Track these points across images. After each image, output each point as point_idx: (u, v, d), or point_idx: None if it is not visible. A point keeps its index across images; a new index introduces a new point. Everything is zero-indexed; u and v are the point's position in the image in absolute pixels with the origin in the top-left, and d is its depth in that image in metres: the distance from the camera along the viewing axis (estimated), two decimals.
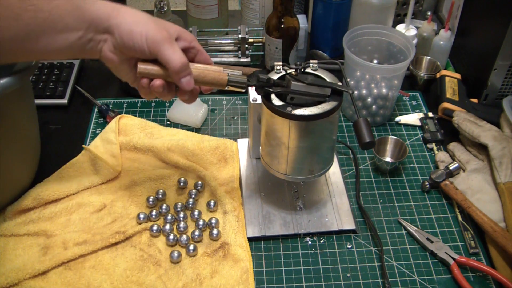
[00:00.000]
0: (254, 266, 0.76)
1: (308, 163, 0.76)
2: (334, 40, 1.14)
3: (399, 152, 0.91)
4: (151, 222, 0.81)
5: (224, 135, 0.97)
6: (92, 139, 0.94)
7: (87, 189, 0.85)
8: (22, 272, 0.71)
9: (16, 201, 0.81)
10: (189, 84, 0.65)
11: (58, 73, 1.06)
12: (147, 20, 0.63)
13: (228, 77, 0.68)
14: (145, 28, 0.62)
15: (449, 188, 0.85)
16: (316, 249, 0.79)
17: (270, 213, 0.82)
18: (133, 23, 0.62)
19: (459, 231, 0.82)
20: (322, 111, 0.68)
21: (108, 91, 1.06)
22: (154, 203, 0.84)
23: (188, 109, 0.98)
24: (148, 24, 0.63)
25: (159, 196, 0.84)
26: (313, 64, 0.74)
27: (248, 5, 1.15)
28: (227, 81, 0.68)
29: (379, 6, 1.08)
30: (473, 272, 0.76)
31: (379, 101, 0.97)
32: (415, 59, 1.08)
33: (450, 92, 1.00)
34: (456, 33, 1.09)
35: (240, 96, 1.06)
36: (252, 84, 0.69)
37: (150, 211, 0.82)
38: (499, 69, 0.95)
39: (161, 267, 0.75)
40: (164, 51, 0.63)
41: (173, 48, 0.63)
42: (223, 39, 1.13)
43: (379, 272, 0.76)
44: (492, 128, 0.90)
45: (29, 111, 0.81)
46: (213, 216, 0.82)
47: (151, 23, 0.63)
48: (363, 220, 0.83)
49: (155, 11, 1.08)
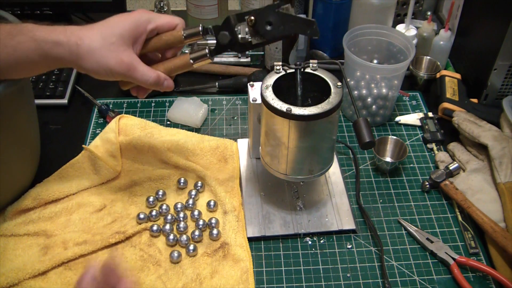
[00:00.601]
0: (254, 266, 0.76)
1: (308, 163, 0.76)
2: (334, 40, 1.14)
3: (399, 152, 0.91)
4: (151, 222, 0.81)
5: (224, 135, 0.97)
6: (92, 139, 0.94)
7: (87, 189, 0.85)
8: (22, 272, 0.71)
9: (16, 201, 0.81)
10: (169, 86, 0.70)
11: (58, 73, 1.06)
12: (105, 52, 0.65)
13: (190, 57, 0.71)
14: (107, 65, 0.65)
15: (449, 188, 0.85)
16: (316, 249, 0.79)
17: (270, 213, 0.82)
18: (94, 64, 0.65)
19: (459, 231, 0.82)
20: (322, 111, 0.68)
21: (108, 91, 1.06)
22: (154, 203, 0.84)
23: (188, 109, 0.98)
24: (108, 59, 0.65)
25: (159, 196, 0.84)
26: (313, 64, 0.74)
27: (248, 5, 1.15)
28: (190, 59, 0.71)
29: (379, 6, 1.08)
30: (473, 272, 0.76)
31: (379, 101, 0.97)
32: (415, 59, 1.08)
33: (450, 92, 1.00)
34: (456, 33, 1.09)
35: (240, 96, 1.06)
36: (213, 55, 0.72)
37: (150, 211, 0.82)
38: (499, 69, 0.95)
39: (161, 267, 0.75)
40: (134, 78, 0.67)
41: (139, 72, 0.67)
42: None
43: (379, 272, 0.76)
44: (492, 128, 0.90)
45: (29, 111, 0.81)
46: (213, 216, 0.82)
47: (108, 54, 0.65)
48: (363, 220, 0.83)
49: (155, 11, 1.08)
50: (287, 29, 0.67)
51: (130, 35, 0.66)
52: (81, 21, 1.23)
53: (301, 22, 0.67)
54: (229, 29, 0.70)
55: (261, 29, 0.67)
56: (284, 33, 0.67)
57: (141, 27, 0.68)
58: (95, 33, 0.65)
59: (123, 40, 0.66)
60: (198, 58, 0.72)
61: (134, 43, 0.67)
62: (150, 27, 0.69)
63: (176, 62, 0.72)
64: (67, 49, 0.64)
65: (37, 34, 0.63)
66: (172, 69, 0.72)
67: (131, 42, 0.67)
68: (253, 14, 0.67)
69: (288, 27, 0.67)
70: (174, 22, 0.71)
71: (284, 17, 0.67)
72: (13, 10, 1.08)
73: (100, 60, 0.64)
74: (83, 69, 0.66)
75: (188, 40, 0.71)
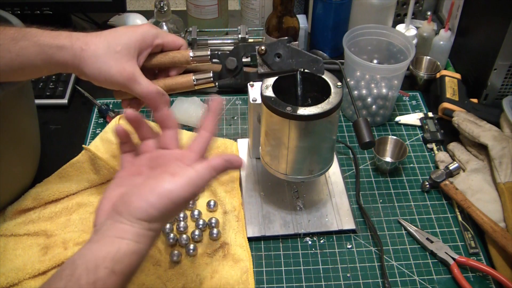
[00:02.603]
0: (254, 266, 0.76)
1: (308, 163, 0.76)
2: (334, 40, 1.14)
3: (399, 152, 0.91)
4: None
5: (224, 135, 0.97)
6: (92, 139, 0.94)
7: (87, 189, 0.85)
8: (22, 272, 0.71)
9: (16, 201, 0.81)
10: (167, 102, 0.68)
11: (58, 73, 1.06)
12: (108, 60, 0.64)
13: (193, 78, 0.71)
14: (108, 72, 0.65)
15: (449, 188, 0.85)
16: (316, 249, 0.79)
17: (270, 213, 0.82)
18: (96, 70, 0.65)
19: (459, 231, 0.82)
20: (322, 111, 0.68)
21: (108, 91, 1.04)
22: None
23: (188, 109, 0.98)
24: (110, 66, 0.64)
25: None
26: None
27: (248, 5, 1.15)
28: (193, 79, 0.71)
29: (379, 6, 1.08)
30: (473, 272, 0.76)
31: (379, 101, 0.97)
32: (415, 59, 1.08)
33: (450, 92, 1.00)
34: (456, 33, 1.09)
35: (240, 96, 1.06)
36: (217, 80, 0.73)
37: None
38: (499, 69, 0.95)
39: (161, 267, 0.75)
40: (133, 90, 0.66)
41: (139, 84, 0.66)
42: (223, 39, 1.13)
43: (379, 272, 0.76)
44: (492, 128, 0.90)
45: (29, 111, 0.81)
46: (213, 216, 0.82)
47: (111, 62, 0.65)
48: (363, 220, 0.83)
49: (155, 11, 1.08)
50: (294, 63, 0.69)
51: (136, 46, 0.66)
52: (81, 21, 1.23)
53: (309, 58, 0.68)
54: (237, 57, 0.71)
55: (270, 59, 0.69)
56: (291, 67, 0.69)
57: (148, 40, 0.68)
58: (101, 40, 0.65)
59: (128, 50, 0.65)
60: (201, 80, 0.72)
61: (138, 55, 0.67)
62: (157, 42, 0.69)
63: (178, 80, 0.72)
64: (71, 53, 0.64)
65: (41, 39, 0.63)
66: (172, 87, 0.71)
67: (136, 53, 0.66)
68: (264, 45, 0.69)
69: (296, 62, 0.68)
70: (179, 42, 0.71)
71: (293, 52, 0.68)
72: (13, 10, 1.08)
73: (102, 67, 0.64)
74: (84, 75, 0.66)
75: (194, 62, 0.71)
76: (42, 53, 0.64)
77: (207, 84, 0.73)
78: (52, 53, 0.64)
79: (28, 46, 0.63)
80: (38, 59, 0.64)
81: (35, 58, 0.64)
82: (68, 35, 0.65)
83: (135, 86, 0.66)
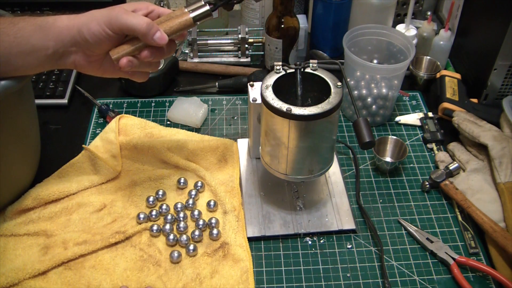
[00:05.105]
0: (254, 266, 0.76)
1: (308, 163, 0.76)
2: (334, 40, 1.14)
3: (399, 152, 0.91)
4: (151, 222, 0.81)
5: (224, 135, 0.97)
6: (92, 139, 0.94)
7: (87, 189, 0.85)
8: (22, 272, 0.71)
9: (16, 201, 0.81)
10: (162, 38, 0.67)
11: (58, 73, 1.06)
12: (101, 11, 0.67)
13: (191, 15, 0.69)
14: (98, 17, 0.66)
15: (449, 188, 0.85)
16: (316, 249, 0.79)
17: (270, 213, 0.82)
18: (87, 21, 0.66)
19: (459, 231, 0.82)
20: (322, 111, 0.68)
21: (108, 91, 1.06)
22: (154, 203, 0.84)
23: (188, 109, 0.98)
24: (101, 13, 0.67)
25: (159, 196, 0.84)
26: (313, 64, 0.74)
27: (248, 5, 1.15)
28: (192, 19, 0.69)
29: (379, 6, 1.08)
30: (473, 272, 0.76)
31: (379, 101, 0.97)
32: (415, 59, 1.08)
33: (450, 92, 1.00)
34: (456, 33, 1.09)
35: (240, 96, 1.06)
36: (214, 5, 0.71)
37: (150, 211, 0.82)
38: (499, 69, 0.95)
39: (161, 267, 0.75)
40: (126, 21, 0.66)
41: (132, 15, 0.66)
42: (223, 39, 1.13)
43: (379, 272, 0.76)
44: (492, 128, 0.90)
45: (29, 111, 0.81)
46: (213, 216, 0.82)
47: (103, 11, 0.67)
48: (363, 220, 0.83)
49: None
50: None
51: (128, 5, 0.69)
52: None
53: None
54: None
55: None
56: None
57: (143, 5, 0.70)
58: (96, 10, 0.68)
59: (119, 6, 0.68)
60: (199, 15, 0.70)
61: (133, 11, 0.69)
62: (151, 7, 0.71)
63: (176, 21, 0.69)
64: (65, 22, 0.66)
65: (39, 19, 0.66)
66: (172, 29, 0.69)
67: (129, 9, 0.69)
68: None
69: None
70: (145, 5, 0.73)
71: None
72: (13, 10, 1.09)
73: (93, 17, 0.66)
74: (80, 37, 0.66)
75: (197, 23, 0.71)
76: (39, 29, 0.66)
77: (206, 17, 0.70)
78: (48, 27, 0.66)
79: (26, 26, 0.66)
80: (35, 38, 0.65)
81: (32, 37, 0.65)
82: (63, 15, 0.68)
83: (127, 17, 0.66)
